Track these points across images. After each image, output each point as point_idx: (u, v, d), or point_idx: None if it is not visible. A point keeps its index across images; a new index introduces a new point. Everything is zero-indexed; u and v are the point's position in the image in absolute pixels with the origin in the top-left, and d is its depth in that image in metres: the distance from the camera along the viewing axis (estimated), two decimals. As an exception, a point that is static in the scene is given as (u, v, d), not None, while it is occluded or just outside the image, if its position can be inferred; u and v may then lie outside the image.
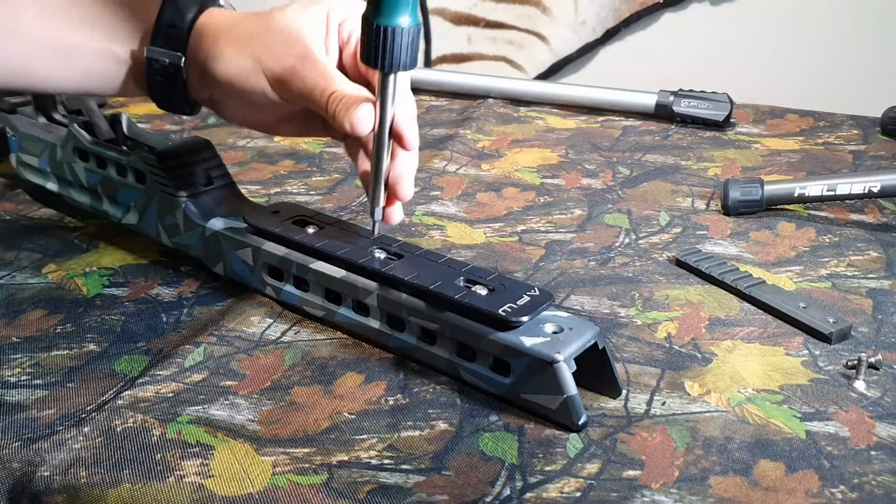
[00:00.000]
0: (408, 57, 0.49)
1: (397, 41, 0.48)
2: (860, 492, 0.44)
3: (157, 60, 0.55)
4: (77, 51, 0.55)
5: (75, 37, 0.55)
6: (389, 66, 0.49)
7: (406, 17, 0.48)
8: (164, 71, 0.55)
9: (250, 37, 0.54)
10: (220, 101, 0.57)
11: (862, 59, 1.53)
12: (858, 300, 0.63)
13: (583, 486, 0.44)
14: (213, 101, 0.58)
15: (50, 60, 0.55)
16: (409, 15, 0.48)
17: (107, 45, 0.55)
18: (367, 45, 0.49)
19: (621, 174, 0.89)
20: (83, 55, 0.55)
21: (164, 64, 0.55)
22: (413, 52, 0.49)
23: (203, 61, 0.55)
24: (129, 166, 0.66)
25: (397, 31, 0.48)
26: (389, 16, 0.48)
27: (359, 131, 0.51)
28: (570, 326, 0.49)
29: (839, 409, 0.50)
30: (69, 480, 0.44)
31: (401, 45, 0.48)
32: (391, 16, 0.48)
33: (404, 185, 0.55)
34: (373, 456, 0.46)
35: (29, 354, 0.55)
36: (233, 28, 0.55)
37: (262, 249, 0.59)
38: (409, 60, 0.49)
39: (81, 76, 0.56)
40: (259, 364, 0.54)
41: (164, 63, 0.55)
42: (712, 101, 1.04)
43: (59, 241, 0.71)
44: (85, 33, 0.55)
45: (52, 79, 0.56)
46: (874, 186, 0.75)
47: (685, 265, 0.68)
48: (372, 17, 0.48)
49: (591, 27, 1.73)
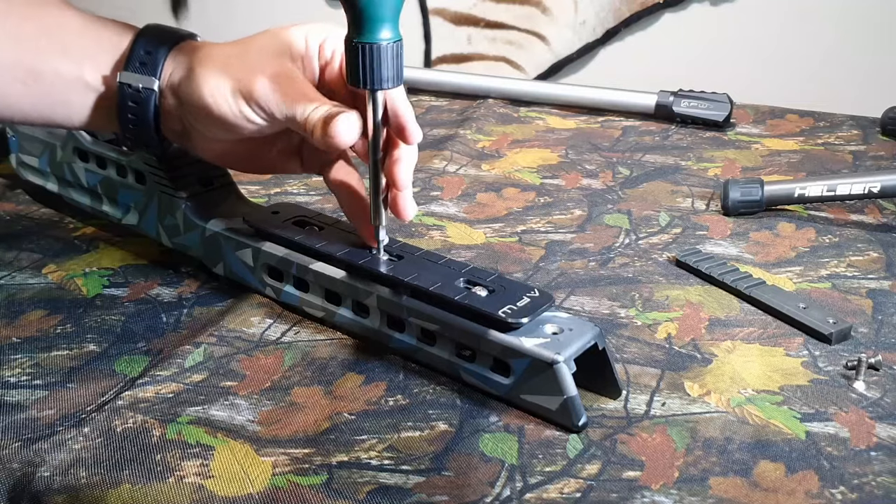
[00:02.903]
0: (393, 72, 0.49)
1: (381, 57, 0.48)
2: (860, 492, 0.44)
3: (131, 86, 0.53)
4: (45, 78, 0.54)
5: (44, 64, 0.53)
6: (376, 83, 0.49)
7: (387, 32, 0.48)
8: (137, 97, 0.54)
9: (228, 59, 0.53)
10: (193, 130, 0.55)
11: (862, 59, 1.53)
12: (858, 301, 0.63)
13: (583, 486, 0.44)
14: (185, 132, 0.56)
15: (15, 87, 0.54)
16: (391, 30, 0.48)
17: (77, 72, 0.54)
18: (351, 65, 0.49)
19: (621, 174, 0.89)
20: (51, 83, 0.54)
21: (136, 90, 0.53)
22: (398, 67, 0.49)
23: (178, 86, 0.54)
24: (129, 167, 0.66)
25: (380, 47, 0.48)
26: (369, 33, 0.48)
27: (337, 142, 0.50)
28: (570, 327, 0.49)
29: (839, 409, 0.50)
30: (69, 481, 0.44)
31: (384, 62, 0.48)
32: (371, 33, 0.48)
33: (401, 170, 0.53)
34: (373, 456, 0.46)
35: (29, 355, 0.55)
36: (210, 54, 0.54)
37: (262, 250, 0.59)
38: (395, 76, 0.49)
39: (48, 105, 0.55)
40: (259, 364, 0.54)
41: (136, 88, 0.53)
42: (712, 101, 1.04)
43: (59, 241, 0.71)
44: (55, 61, 0.54)
45: (17, 106, 0.55)
46: (874, 187, 0.75)
47: (685, 265, 0.68)
48: (353, 36, 0.48)
49: (591, 27, 1.73)
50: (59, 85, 0.54)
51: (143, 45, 0.54)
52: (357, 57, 0.48)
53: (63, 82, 0.54)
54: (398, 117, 0.52)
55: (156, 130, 0.55)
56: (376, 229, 0.55)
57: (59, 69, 0.54)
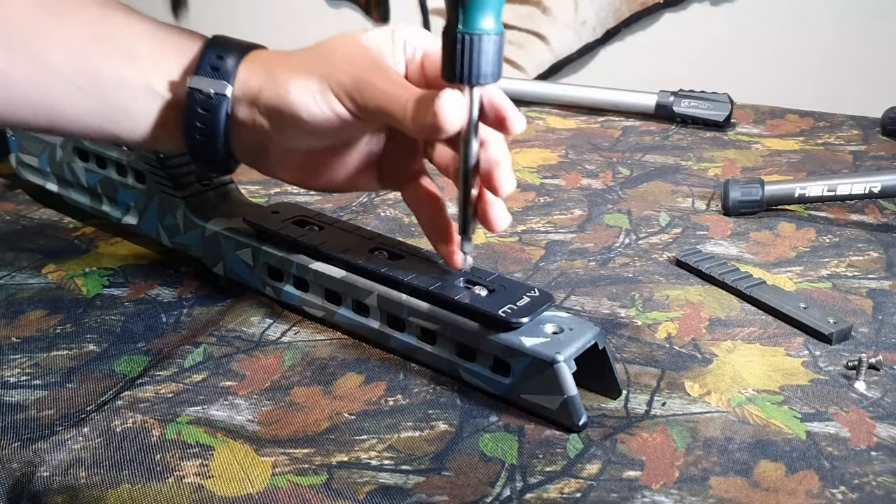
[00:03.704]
0: (495, 67, 0.45)
1: (482, 49, 0.44)
2: (860, 492, 0.44)
3: (201, 91, 0.49)
4: (106, 83, 0.49)
5: (108, 69, 0.49)
6: (476, 78, 0.45)
7: (490, 22, 0.44)
8: (208, 104, 0.50)
9: (310, 61, 0.49)
10: (271, 141, 0.51)
11: (862, 59, 1.54)
12: (859, 300, 0.63)
13: (583, 486, 0.44)
14: (259, 145, 0.52)
15: (72, 94, 0.49)
16: (494, 20, 0.44)
17: (142, 78, 0.50)
18: (449, 57, 0.45)
19: (621, 174, 0.89)
20: (113, 89, 0.50)
21: (207, 95, 0.49)
22: (499, 61, 0.45)
23: (258, 93, 0.50)
24: (129, 166, 0.66)
25: (483, 38, 0.44)
26: (472, 22, 0.44)
27: (442, 122, 0.45)
28: (571, 327, 0.49)
29: (839, 409, 0.50)
30: (69, 481, 0.44)
31: (486, 54, 0.44)
32: (474, 22, 0.44)
33: (503, 174, 0.48)
34: (373, 456, 0.46)
35: (28, 355, 0.55)
36: (289, 57, 0.50)
37: (262, 249, 0.59)
38: (496, 71, 0.45)
39: (108, 114, 0.51)
40: (259, 364, 0.54)
41: (207, 94, 0.49)
42: (712, 101, 1.04)
43: (58, 242, 0.71)
44: (119, 66, 0.49)
45: (79, 118, 0.51)
46: (874, 187, 0.75)
47: (685, 265, 0.68)
48: (453, 24, 0.44)
49: (591, 27, 1.73)
50: (121, 91, 0.50)
51: (214, 51, 0.50)
52: (458, 47, 0.44)
53: (126, 88, 0.50)
54: (497, 108, 0.47)
55: (224, 143, 0.51)
56: (463, 242, 0.51)
57: (122, 74, 0.50)
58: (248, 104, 0.50)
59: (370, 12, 1.97)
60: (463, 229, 0.51)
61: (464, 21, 0.44)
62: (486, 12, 0.44)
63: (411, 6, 1.91)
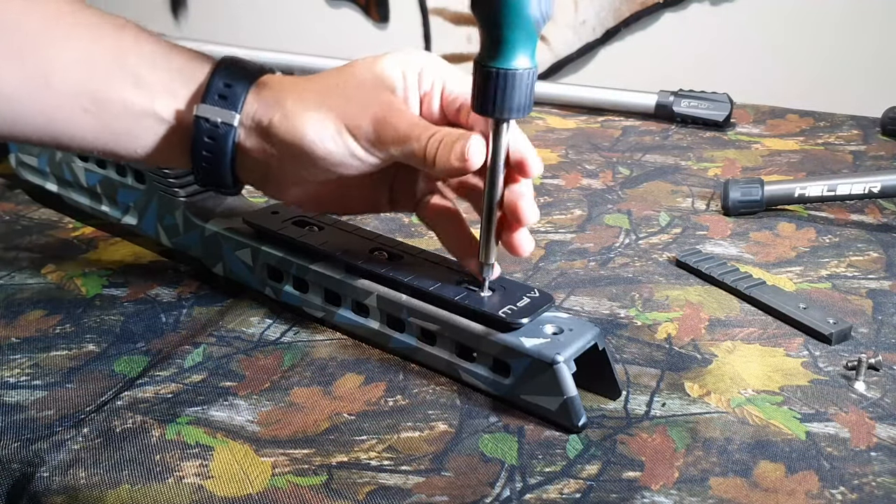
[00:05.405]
0: (526, 101, 0.46)
1: (516, 85, 0.44)
2: (860, 493, 0.44)
3: (208, 120, 0.49)
4: (111, 107, 0.49)
5: (113, 93, 0.49)
6: (510, 112, 0.45)
7: (525, 59, 0.44)
8: (214, 132, 0.50)
9: (325, 95, 0.49)
10: (281, 172, 0.51)
11: (862, 59, 1.54)
12: (858, 301, 0.63)
13: (583, 487, 0.44)
14: (267, 174, 0.52)
15: (78, 115, 0.49)
16: (529, 57, 0.44)
17: (149, 103, 0.50)
18: (482, 91, 0.45)
19: (621, 174, 0.89)
20: (118, 114, 0.50)
21: (214, 124, 0.49)
22: (531, 95, 0.46)
23: (269, 126, 0.49)
24: (128, 166, 0.66)
25: (516, 75, 0.44)
26: (506, 59, 0.44)
27: (471, 164, 0.46)
28: (570, 327, 0.49)
29: (839, 410, 0.50)
30: (68, 481, 0.44)
31: (521, 88, 0.45)
32: (508, 59, 0.44)
33: (526, 205, 0.49)
34: (372, 457, 0.46)
35: (28, 355, 0.55)
36: (303, 89, 0.50)
37: (262, 250, 0.59)
38: (526, 105, 0.46)
39: (112, 136, 0.50)
40: (258, 365, 0.54)
41: (214, 123, 0.49)
42: (712, 101, 1.04)
43: (58, 242, 0.71)
44: (124, 90, 0.49)
45: (84, 137, 0.50)
46: (874, 187, 0.75)
47: (685, 266, 0.68)
48: (486, 60, 0.44)
49: (591, 27, 1.73)
50: (126, 116, 0.50)
51: (222, 78, 0.50)
52: (491, 82, 0.44)
53: (131, 114, 0.50)
54: (518, 150, 0.49)
55: (230, 169, 0.51)
56: (482, 267, 0.51)
57: (128, 99, 0.49)
58: (258, 134, 0.50)
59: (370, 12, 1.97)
60: (486, 256, 0.51)
61: (497, 58, 0.44)
62: (522, 50, 0.44)
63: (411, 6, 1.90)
